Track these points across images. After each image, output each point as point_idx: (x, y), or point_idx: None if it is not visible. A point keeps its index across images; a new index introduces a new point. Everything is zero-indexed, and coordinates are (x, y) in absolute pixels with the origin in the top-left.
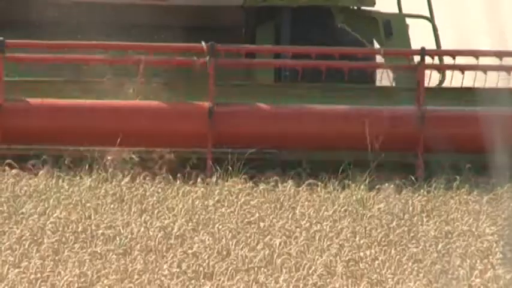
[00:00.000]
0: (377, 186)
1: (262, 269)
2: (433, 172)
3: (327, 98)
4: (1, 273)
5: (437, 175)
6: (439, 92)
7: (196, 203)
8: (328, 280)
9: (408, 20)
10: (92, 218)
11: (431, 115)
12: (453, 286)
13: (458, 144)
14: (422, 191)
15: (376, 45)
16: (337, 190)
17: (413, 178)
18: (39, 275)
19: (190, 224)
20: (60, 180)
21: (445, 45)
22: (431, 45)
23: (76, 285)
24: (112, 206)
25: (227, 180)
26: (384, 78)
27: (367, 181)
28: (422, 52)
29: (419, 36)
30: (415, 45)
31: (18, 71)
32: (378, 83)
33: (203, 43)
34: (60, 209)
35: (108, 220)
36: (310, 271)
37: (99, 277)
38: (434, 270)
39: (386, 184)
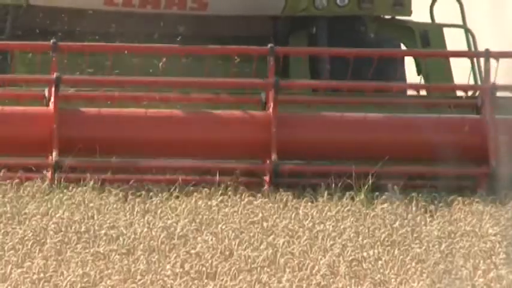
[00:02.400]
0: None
1: (265, 268)
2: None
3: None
4: (4, 273)
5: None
6: None
7: (199, 203)
8: (331, 280)
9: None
10: (95, 218)
11: None
12: (456, 286)
13: None
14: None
15: None
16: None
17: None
18: (42, 275)
19: (193, 224)
20: (63, 180)
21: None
22: None
23: (79, 285)
24: (115, 206)
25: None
26: None
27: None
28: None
29: (452, 44)
30: None
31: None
32: None
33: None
34: (63, 209)
35: (111, 220)
36: (313, 271)
37: (102, 277)
38: (437, 271)
39: (389, 185)
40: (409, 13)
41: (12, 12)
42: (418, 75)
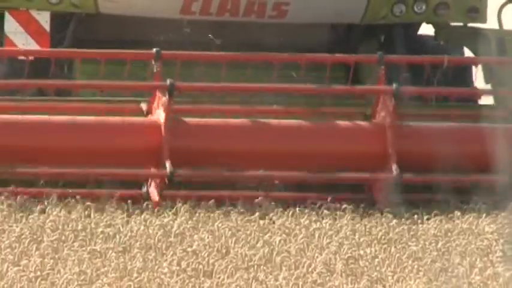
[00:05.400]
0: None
1: (262, 267)
2: None
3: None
4: (1, 271)
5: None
6: None
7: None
8: (327, 278)
9: None
10: (92, 216)
11: None
12: (453, 284)
13: None
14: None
15: None
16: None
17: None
18: (38, 273)
19: (190, 222)
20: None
21: None
22: None
23: (75, 283)
24: (112, 204)
25: None
26: None
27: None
28: None
29: None
30: None
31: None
32: None
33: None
34: (60, 207)
35: (107, 218)
36: (310, 269)
37: (98, 275)
38: (434, 268)
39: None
40: (484, 20)
41: (75, 20)
42: (487, 83)
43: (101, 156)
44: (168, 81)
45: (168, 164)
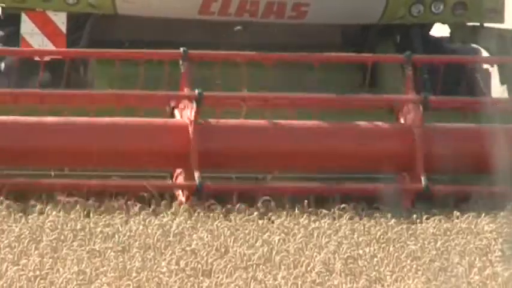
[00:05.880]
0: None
1: (261, 266)
2: None
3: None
4: (0, 271)
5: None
6: None
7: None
8: (326, 277)
9: None
10: (91, 216)
11: None
12: (452, 283)
13: None
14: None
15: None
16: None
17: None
18: (38, 272)
19: (188, 221)
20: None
21: None
22: None
23: (74, 282)
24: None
25: None
26: None
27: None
28: None
29: None
30: None
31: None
32: None
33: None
34: (59, 207)
35: (106, 218)
36: (309, 268)
37: (97, 274)
38: (433, 268)
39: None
40: (502, 20)
41: (92, 21)
42: (502, 84)
43: (127, 158)
44: (197, 92)
45: (197, 176)
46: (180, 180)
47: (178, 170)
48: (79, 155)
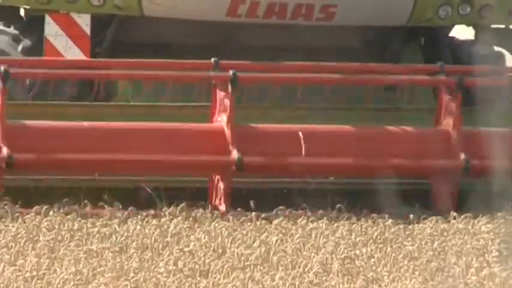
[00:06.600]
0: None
1: (258, 266)
2: None
3: None
4: None
5: None
6: None
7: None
8: (324, 278)
9: None
10: (88, 216)
11: None
12: (449, 284)
13: None
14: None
15: None
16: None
17: None
18: (34, 272)
19: (186, 222)
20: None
21: None
22: None
23: (72, 282)
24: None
25: None
26: None
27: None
28: None
29: None
30: None
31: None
32: None
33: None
34: (56, 207)
35: (104, 218)
36: (306, 269)
37: (94, 275)
38: (430, 268)
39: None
40: None
41: (116, 23)
42: None
43: (165, 164)
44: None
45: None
46: (220, 187)
47: (216, 177)
48: (114, 161)
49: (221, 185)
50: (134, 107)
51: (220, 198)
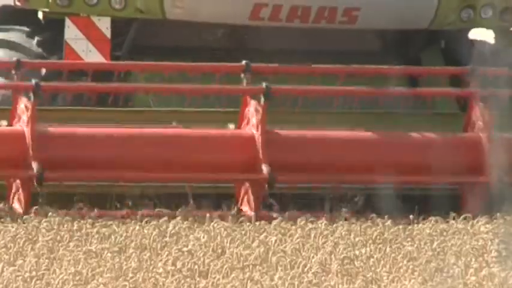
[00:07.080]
0: None
1: (258, 266)
2: None
3: None
4: None
5: None
6: None
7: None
8: (323, 278)
9: None
10: (87, 216)
11: None
12: (448, 284)
13: None
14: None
15: None
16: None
17: None
18: (34, 273)
19: (185, 222)
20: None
21: None
22: None
23: (71, 283)
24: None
25: None
26: None
27: None
28: None
29: None
30: None
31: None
32: None
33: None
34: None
35: (103, 219)
36: (305, 269)
37: (93, 275)
38: (429, 269)
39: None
40: None
41: (137, 26)
42: None
43: (193, 169)
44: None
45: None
46: (249, 194)
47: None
48: (146, 165)
49: (250, 193)
50: (159, 113)
51: (249, 202)
